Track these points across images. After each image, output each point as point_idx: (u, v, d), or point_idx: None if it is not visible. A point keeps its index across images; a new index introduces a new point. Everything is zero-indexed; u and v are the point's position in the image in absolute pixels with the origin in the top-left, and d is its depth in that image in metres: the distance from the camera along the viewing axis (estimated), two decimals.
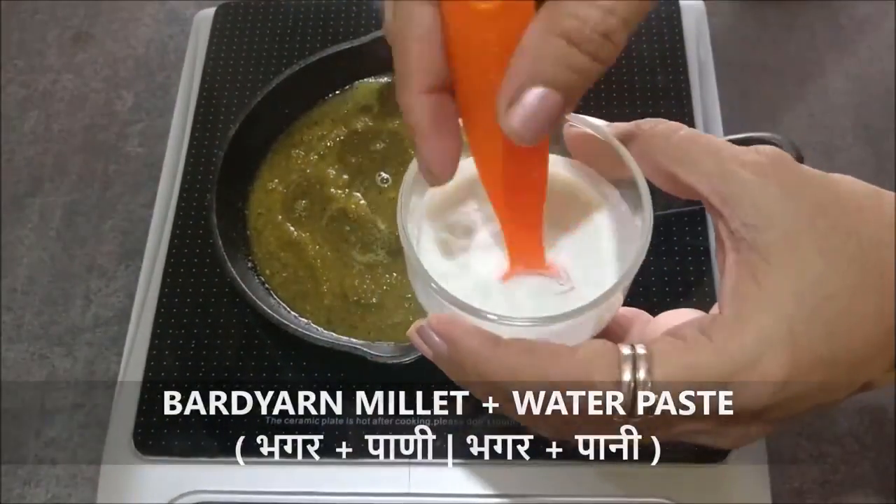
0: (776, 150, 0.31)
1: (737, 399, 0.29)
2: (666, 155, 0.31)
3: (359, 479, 0.46)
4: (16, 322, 0.59)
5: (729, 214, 0.30)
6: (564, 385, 0.29)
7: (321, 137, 0.55)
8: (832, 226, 0.29)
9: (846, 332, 0.29)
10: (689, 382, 0.29)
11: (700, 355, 0.29)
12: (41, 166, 0.65)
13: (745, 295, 0.29)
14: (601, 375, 0.29)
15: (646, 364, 0.29)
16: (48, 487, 0.53)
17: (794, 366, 0.29)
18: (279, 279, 0.51)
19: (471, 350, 0.30)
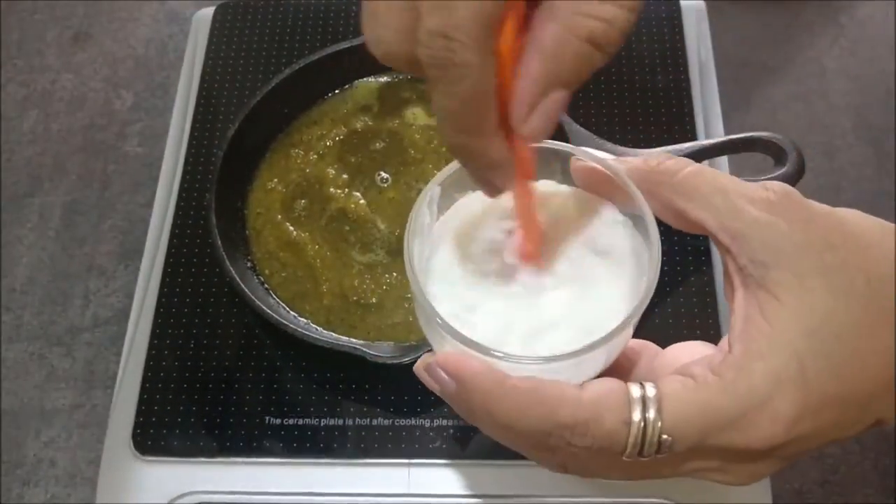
0: (784, 186, 0.30)
1: (747, 438, 0.29)
2: (674, 191, 0.31)
3: (359, 479, 0.46)
4: (15, 322, 0.59)
5: (737, 251, 0.30)
6: (574, 427, 0.29)
7: (321, 137, 0.55)
8: (841, 263, 0.29)
9: (857, 370, 0.29)
10: (699, 423, 0.29)
11: (710, 395, 0.29)
12: (40, 166, 0.65)
13: (755, 333, 0.29)
14: (611, 416, 0.29)
15: (655, 404, 0.29)
16: (47, 487, 0.53)
17: (804, 405, 0.29)
18: (278, 279, 0.51)
19: (480, 389, 0.30)
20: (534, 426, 0.29)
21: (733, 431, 0.29)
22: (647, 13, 0.60)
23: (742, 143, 0.49)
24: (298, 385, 0.49)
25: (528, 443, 0.31)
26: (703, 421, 0.29)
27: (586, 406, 0.29)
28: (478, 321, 0.31)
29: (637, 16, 0.27)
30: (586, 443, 0.29)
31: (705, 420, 0.29)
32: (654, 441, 0.29)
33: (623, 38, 0.27)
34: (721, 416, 0.29)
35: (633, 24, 0.27)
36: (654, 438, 0.28)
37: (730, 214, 0.30)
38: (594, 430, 0.29)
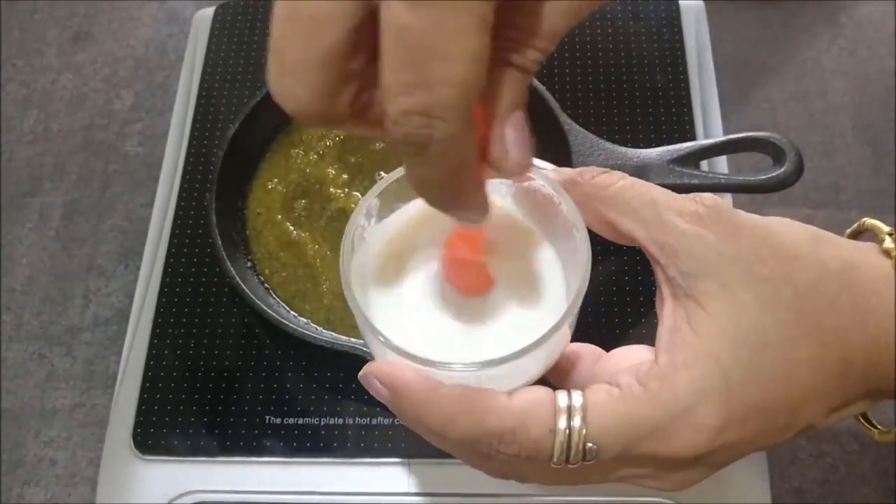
0: (715, 199, 0.31)
1: (671, 448, 0.29)
2: (605, 203, 0.32)
3: (359, 479, 0.46)
4: (15, 322, 0.59)
5: (666, 262, 0.30)
6: (501, 435, 0.29)
7: (320, 137, 0.55)
8: (768, 274, 0.30)
9: (783, 379, 0.29)
10: (623, 432, 0.29)
11: (634, 405, 0.29)
12: (40, 166, 0.65)
13: (681, 343, 0.30)
14: (537, 425, 0.29)
15: (581, 413, 0.29)
16: (47, 487, 0.53)
17: (728, 415, 0.29)
18: (278, 279, 0.51)
19: (410, 398, 0.30)
20: (463, 434, 0.30)
21: (657, 441, 0.29)
22: (647, 13, 0.60)
23: (741, 143, 0.49)
24: (298, 384, 0.49)
25: (461, 451, 0.32)
26: (627, 431, 0.29)
27: (513, 414, 0.29)
28: (415, 331, 0.32)
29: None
30: (513, 451, 0.29)
31: (629, 430, 0.29)
32: (580, 449, 0.29)
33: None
34: (644, 426, 0.29)
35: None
36: (579, 447, 0.29)
37: (658, 227, 0.31)
38: (521, 438, 0.29)
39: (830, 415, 0.31)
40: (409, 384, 0.30)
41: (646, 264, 0.32)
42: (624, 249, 0.34)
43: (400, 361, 0.30)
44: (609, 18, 0.59)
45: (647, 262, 0.32)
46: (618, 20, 0.59)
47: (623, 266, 0.51)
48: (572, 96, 0.56)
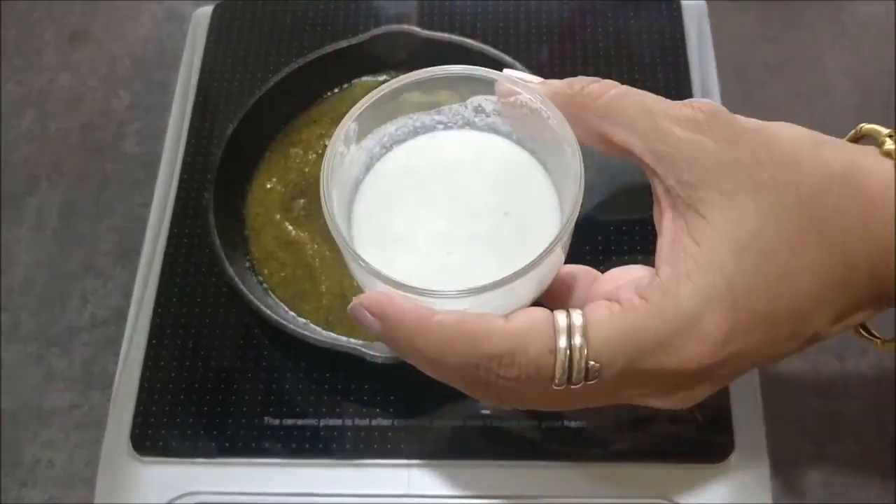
0: (711, 105, 0.30)
1: (676, 360, 0.28)
2: (598, 115, 0.31)
3: (359, 479, 0.45)
4: (12, 322, 0.58)
5: (664, 173, 0.29)
6: (500, 357, 0.28)
7: (320, 136, 0.55)
8: (769, 180, 0.29)
9: (787, 287, 0.28)
10: (626, 347, 0.28)
11: (637, 319, 0.28)
12: (38, 165, 0.65)
13: (682, 254, 0.29)
14: (536, 345, 0.28)
15: (581, 331, 0.28)
16: (45, 488, 0.53)
17: (733, 324, 0.28)
18: (277, 279, 0.51)
19: (403, 327, 0.29)
20: (460, 359, 0.29)
21: (662, 354, 0.28)
22: (648, 12, 0.59)
23: None
24: (298, 385, 0.49)
25: (457, 378, 0.31)
26: (630, 345, 0.28)
27: (511, 336, 0.28)
28: (403, 261, 0.31)
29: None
30: (513, 373, 0.29)
31: (632, 344, 0.28)
32: (582, 367, 0.28)
33: None
34: (648, 340, 0.28)
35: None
36: (581, 365, 0.28)
37: (655, 136, 0.29)
38: (520, 360, 0.28)
39: (835, 324, 0.31)
40: (402, 312, 0.29)
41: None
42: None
43: (390, 292, 0.29)
44: (610, 18, 0.59)
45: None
46: (619, 19, 0.59)
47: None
48: None
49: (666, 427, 0.46)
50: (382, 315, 0.30)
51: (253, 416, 0.47)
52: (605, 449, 0.45)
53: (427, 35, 0.55)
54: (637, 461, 0.45)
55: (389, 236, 0.33)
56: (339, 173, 0.33)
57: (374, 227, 0.33)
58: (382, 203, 0.34)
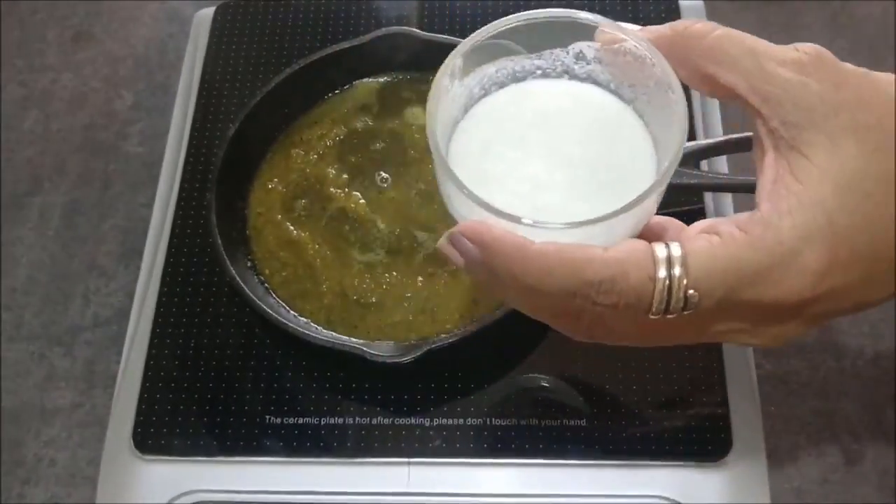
0: (816, 48, 0.30)
1: (775, 292, 0.29)
2: (702, 56, 0.31)
3: (359, 479, 0.46)
4: (15, 321, 0.59)
5: (768, 113, 0.30)
6: (599, 284, 0.29)
7: (321, 137, 0.55)
8: (873, 123, 0.29)
9: (886, 227, 0.29)
10: (725, 277, 0.29)
11: (737, 250, 0.29)
12: (41, 166, 0.65)
13: (784, 191, 0.29)
14: (637, 272, 0.29)
15: (681, 261, 0.29)
16: (47, 487, 0.53)
17: (833, 259, 0.28)
18: (279, 278, 0.51)
19: (503, 253, 0.30)
20: (559, 286, 0.29)
21: (761, 285, 0.29)
22: (647, 13, 0.60)
23: (742, 143, 0.49)
24: (298, 384, 0.49)
25: (552, 308, 0.31)
26: (730, 275, 0.29)
27: (612, 263, 0.29)
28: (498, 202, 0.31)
29: None
30: (612, 300, 0.29)
31: (732, 274, 0.29)
32: (681, 296, 0.29)
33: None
34: (748, 270, 0.28)
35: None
36: (679, 294, 0.29)
37: (760, 76, 0.30)
38: (620, 287, 0.29)
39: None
40: (502, 239, 0.30)
41: None
42: None
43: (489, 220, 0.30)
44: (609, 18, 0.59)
45: None
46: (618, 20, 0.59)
47: None
48: None
49: (665, 426, 0.46)
50: (482, 242, 0.30)
51: (254, 415, 0.48)
52: (604, 448, 0.46)
53: (427, 37, 0.55)
54: (636, 460, 0.45)
55: (485, 177, 0.33)
56: (443, 107, 0.33)
57: (470, 167, 0.33)
58: (479, 145, 0.34)
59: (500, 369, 0.48)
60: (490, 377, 0.48)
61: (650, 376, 0.47)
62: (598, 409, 0.47)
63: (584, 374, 0.48)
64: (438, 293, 0.49)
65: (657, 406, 0.46)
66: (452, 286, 0.49)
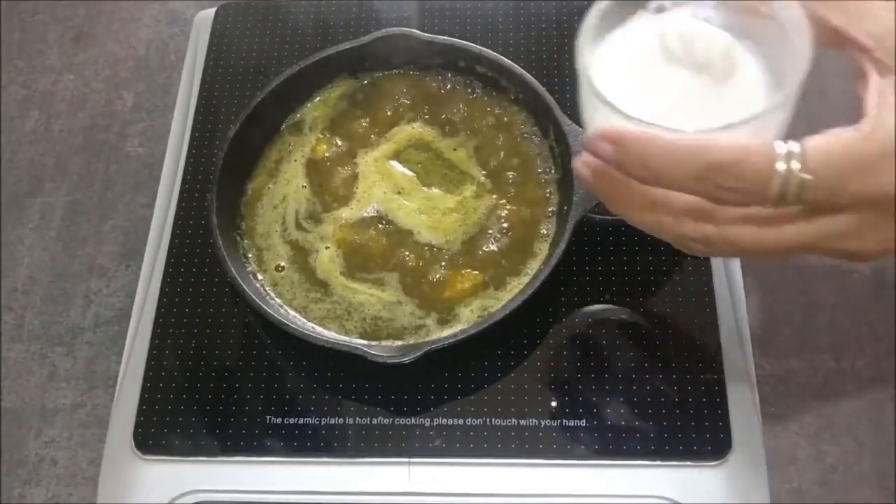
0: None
1: (883, 181, 0.32)
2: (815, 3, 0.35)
3: (359, 479, 0.46)
4: (16, 322, 0.59)
5: (875, 46, 0.34)
6: (725, 166, 0.32)
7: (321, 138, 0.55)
8: None
9: None
10: (839, 163, 0.32)
11: (849, 142, 0.32)
12: (42, 166, 0.65)
13: (890, 101, 0.33)
14: (759, 158, 0.32)
15: (799, 153, 0.32)
16: (48, 487, 0.53)
17: None
18: (279, 279, 0.51)
19: (636, 145, 0.33)
20: (687, 168, 0.32)
21: (871, 175, 0.32)
22: None
23: None
24: (299, 384, 0.49)
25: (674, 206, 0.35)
26: (843, 164, 0.32)
27: (738, 148, 0.32)
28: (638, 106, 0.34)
29: None
30: (734, 183, 0.32)
31: (845, 163, 0.32)
32: (798, 181, 0.31)
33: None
34: (860, 159, 0.32)
35: None
36: (797, 178, 0.31)
37: (867, 17, 0.35)
38: (743, 169, 0.32)
39: None
40: (636, 134, 0.33)
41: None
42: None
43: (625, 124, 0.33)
44: None
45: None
46: None
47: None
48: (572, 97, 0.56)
49: (665, 426, 0.46)
50: (617, 138, 0.33)
51: (255, 415, 0.48)
52: (604, 448, 0.46)
53: (427, 37, 0.55)
54: (636, 460, 0.45)
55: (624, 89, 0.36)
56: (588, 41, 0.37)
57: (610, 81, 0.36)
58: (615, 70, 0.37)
59: (500, 369, 0.48)
60: (490, 377, 0.48)
61: (650, 376, 0.47)
62: (598, 409, 0.47)
63: (585, 373, 0.48)
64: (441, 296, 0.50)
65: (657, 406, 0.47)
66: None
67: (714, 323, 0.49)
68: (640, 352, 0.48)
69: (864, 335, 0.54)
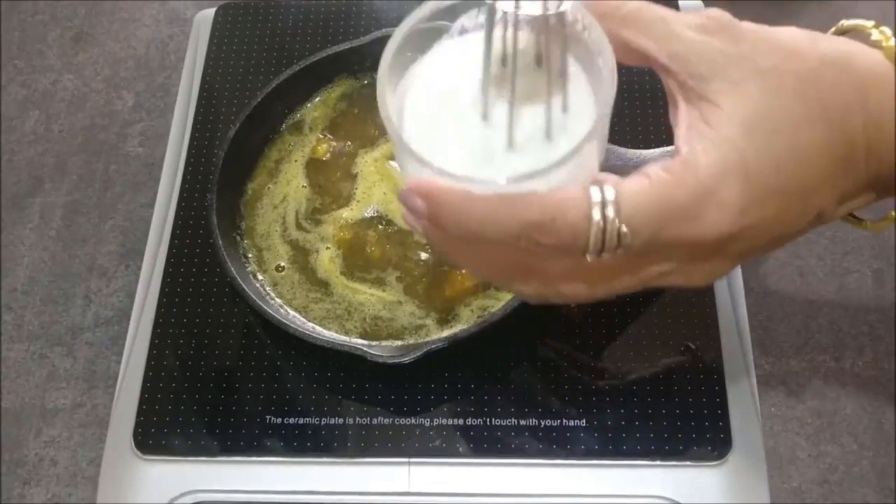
0: (718, 12, 0.33)
1: (699, 228, 0.31)
2: (618, 23, 0.34)
3: (359, 478, 0.46)
4: (16, 322, 0.59)
5: (677, 69, 0.33)
6: (541, 224, 0.31)
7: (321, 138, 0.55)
8: (772, 66, 0.32)
9: (794, 162, 0.31)
10: (654, 213, 0.31)
11: (662, 188, 0.31)
12: (41, 166, 0.65)
13: (697, 135, 0.32)
14: (574, 211, 0.31)
15: (614, 201, 0.31)
16: (48, 487, 0.53)
17: (748, 194, 0.31)
18: (279, 278, 0.51)
19: (448, 203, 0.31)
20: (504, 230, 0.31)
21: (684, 222, 0.31)
22: None
23: None
24: (299, 384, 0.49)
25: (500, 261, 0.34)
26: (658, 212, 0.31)
27: (551, 204, 0.31)
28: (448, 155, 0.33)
29: None
30: (552, 240, 0.31)
31: (659, 211, 0.31)
32: (614, 234, 0.31)
33: None
34: (673, 207, 0.31)
35: None
36: (613, 231, 0.30)
37: (669, 39, 0.33)
38: (560, 225, 0.31)
39: (839, 205, 0.34)
40: (448, 191, 0.31)
41: None
42: None
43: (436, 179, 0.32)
44: None
45: None
46: None
47: None
48: None
49: (665, 426, 0.46)
50: (428, 194, 0.32)
51: (255, 415, 0.48)
52: (604, 448, 0.46)
53: None
54: (636, 460, 0.45)
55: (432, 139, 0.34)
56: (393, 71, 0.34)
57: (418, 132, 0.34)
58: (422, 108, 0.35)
59: (500, 369, 0.48)
60: (490, 377, 0.48)
61: (650, 376, 0.47)
62: (598, 409, 0.47)
63: (585, 374, 0.48)
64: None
65: (657, 406, 0.47)
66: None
67: (714, 323, 0.49)
68: (640, 352, 0.48)
69: (864, 335, 0.54)
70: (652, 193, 0.31)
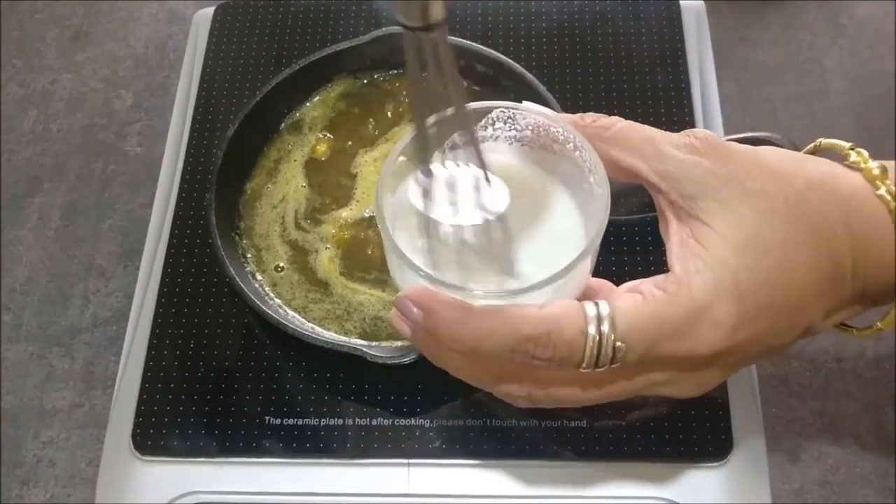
0: (706, 132, 0.34)
1: (692, 345, 0.32)
2: (608, 143, 0.35)
3: (359, 479, 0.46)
4: (14, 322, 0.59)
5: (667, 189, 0.34)
6: (536, 339, 0.31)
7: (320, 138, 0.55)
8: (760, 189, 0.33)
9: (784, 281, 0.32)
10: (648, 330, 0.31)
11: (657, 306, 0.32)
12: (40, 166, 0.65)
13: (689, 254, 0.32)
14: (570, 327, 0.31)
15: (609, 319, 0.31)
16: (47, 488, 0.53)
17: (740, 312, 0.32)
18: (278, 279, 0.51)
19: (445, 317, 0.32)
20: (499, 343, 0.31)
21: (678, 339, 0.32)
22: (647, 13, 0.60)
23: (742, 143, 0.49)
24: (298, 385, 0.49)
25: (493, 370, 0.34)
26: (652, 328, 0.31)
27: (547, 320, 0.31)
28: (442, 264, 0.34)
29: None
30: (548, 354, 0.31)
31: (653, 327, 0.31)
32: (609, 350, 0.31)
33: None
34: (667, 324, 0.31)
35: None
36: (608, 346, 0.31)
37: (658, 159, 0.34)
38: (555, 340, 0.31)
39: (827, 318, 0.34)
40: (444, 302, 0.32)
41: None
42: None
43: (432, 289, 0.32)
44: (609, 18, 0.59)
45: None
46: (618, 20, 0.59)
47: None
48: (573, 96, 0.56)
49: (665, 427, 0.46)
50: (425, 305, 0.32)
51: (254, 416, 0.48)
52: (605, 449, 0.46)
53: None
54: (637, 461, 0.45)
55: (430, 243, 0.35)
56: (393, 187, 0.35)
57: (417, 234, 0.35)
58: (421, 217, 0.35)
59: None
60: None
61: None
62: (598, 409, 0.47)
63: None
64: None
65: (658, 406, 0.46)
66: None
67: None
68: None
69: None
70: (646, 310, 0.32)
